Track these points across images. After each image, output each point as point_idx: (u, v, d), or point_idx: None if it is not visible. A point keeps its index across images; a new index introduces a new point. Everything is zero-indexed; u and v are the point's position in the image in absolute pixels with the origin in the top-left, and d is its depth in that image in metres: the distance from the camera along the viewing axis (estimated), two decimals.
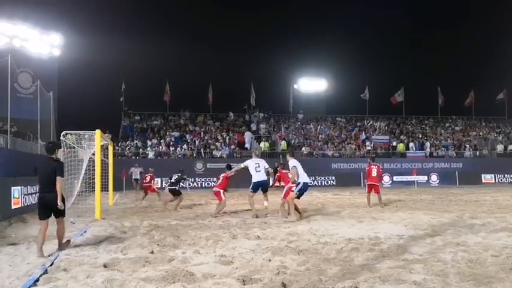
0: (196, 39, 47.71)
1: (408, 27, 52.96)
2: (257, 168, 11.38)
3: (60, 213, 6.87)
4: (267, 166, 11.72)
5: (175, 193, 13.79)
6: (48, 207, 6.69)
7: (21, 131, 22.76)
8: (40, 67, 27.97)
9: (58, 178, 6.61)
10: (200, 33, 50.06)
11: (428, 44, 50.50)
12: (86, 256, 6.34)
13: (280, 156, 16.22)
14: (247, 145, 32.64)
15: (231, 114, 37.61)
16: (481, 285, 4.62)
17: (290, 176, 11.10)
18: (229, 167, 12.64)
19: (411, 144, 34.80)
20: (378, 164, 14.82)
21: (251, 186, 11.42)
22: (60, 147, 6.37)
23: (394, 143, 34.89)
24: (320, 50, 45.92)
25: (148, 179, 16.65)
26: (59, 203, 6.58)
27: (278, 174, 14.91)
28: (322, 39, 48.29)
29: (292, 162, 10.86)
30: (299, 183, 10.58)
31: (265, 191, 11.71)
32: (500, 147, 35.50)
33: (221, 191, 12.13)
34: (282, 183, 13.13)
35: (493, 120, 42.05)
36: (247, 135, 33.43)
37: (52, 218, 6.85)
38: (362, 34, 50.27)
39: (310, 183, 11.29)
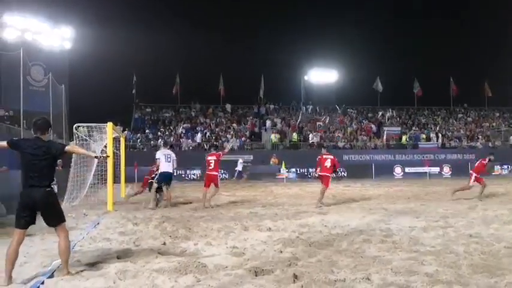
0: (207, 31, 47.59)
1: (420, 17, 52.28)
2: (167, 159, 11.83)
3: (58, 218, 4.79)
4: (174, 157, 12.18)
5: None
6: (36, 208, 4.62)
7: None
8: (51, 60, 28.12)
9: (68, 147, 5.27)
10: (211, 25, 49.84)
11: (441, 33, 49.75)
12: (99, 247, 6.41)
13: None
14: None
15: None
16: (493, 277, 4.58)
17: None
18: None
19: (432, 135, 34.52)
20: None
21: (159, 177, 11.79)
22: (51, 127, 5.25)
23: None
24: (331, 40, 45.51)
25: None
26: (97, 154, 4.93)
27: None
28: (333, 30, 47.93)
29: None
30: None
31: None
32: None
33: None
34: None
35: (506, 111, 41.45)
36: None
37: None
38: (373, 25, 49.76)
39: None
